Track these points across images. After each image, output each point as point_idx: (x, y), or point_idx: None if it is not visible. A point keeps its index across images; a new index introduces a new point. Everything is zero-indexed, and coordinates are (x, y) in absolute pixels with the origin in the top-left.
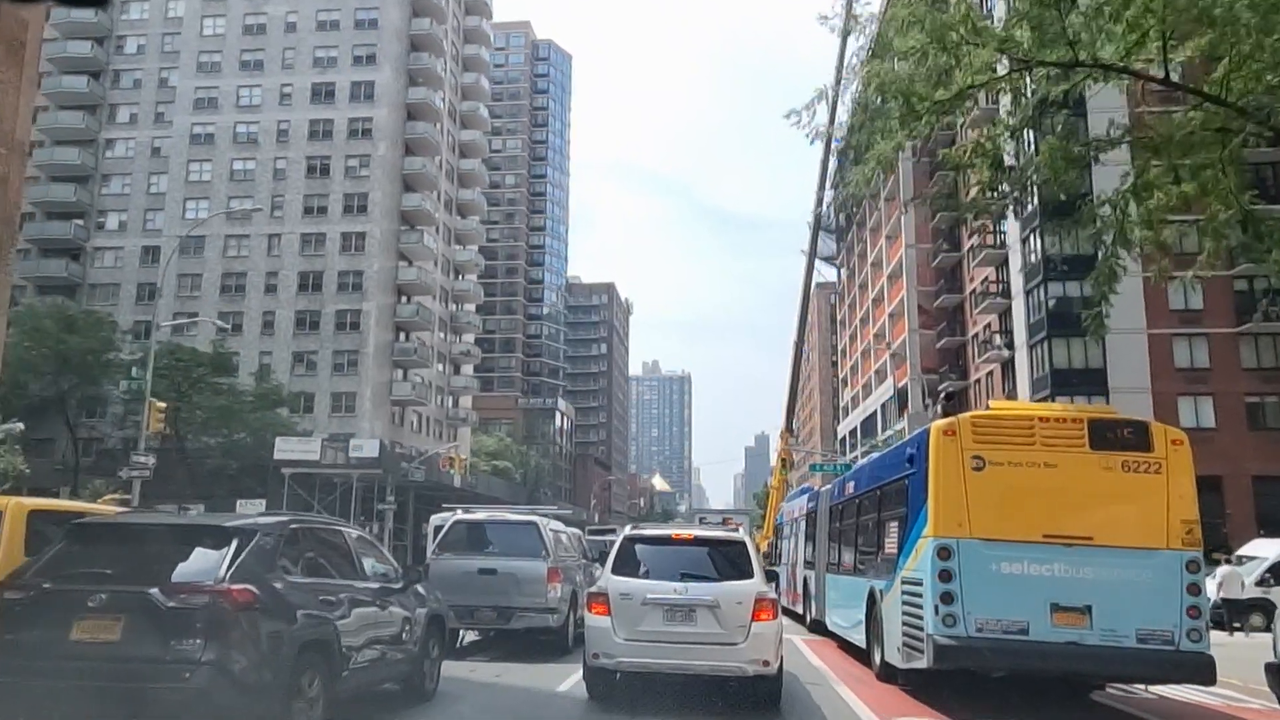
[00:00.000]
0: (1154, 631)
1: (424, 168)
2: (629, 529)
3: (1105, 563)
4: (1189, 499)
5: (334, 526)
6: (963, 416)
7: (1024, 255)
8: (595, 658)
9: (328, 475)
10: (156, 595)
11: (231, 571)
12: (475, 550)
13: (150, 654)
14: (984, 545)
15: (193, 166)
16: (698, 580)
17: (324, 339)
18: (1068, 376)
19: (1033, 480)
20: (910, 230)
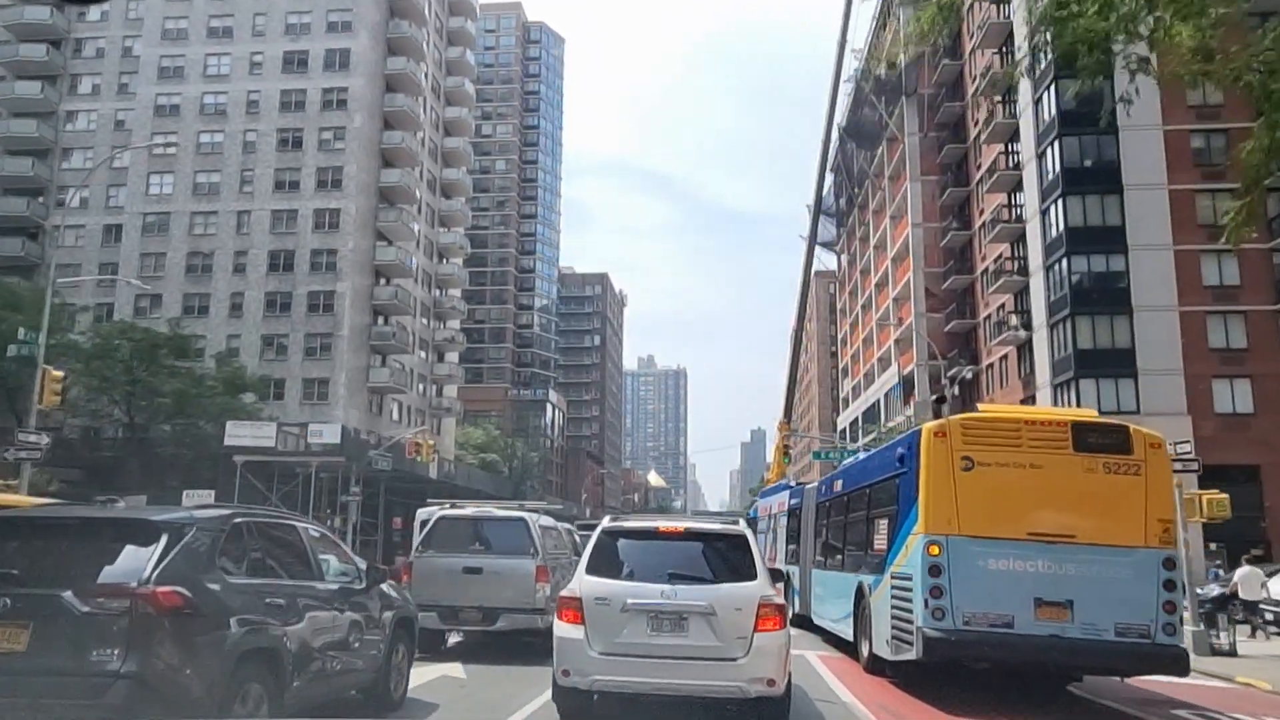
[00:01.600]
0: (1131, 625)
1: (403, 142)
2: (607, 520)
3: (1086, 560)
4: (1166, 499)
5: (287, 521)
6: (952, 419)
7: (1044, 227)
8: (565, 675)
9: (289, 464)
10: (70, 599)
11: (158, 571)
12: (461, 547)
13: (61, 665)
14: (972, 542)
15: (157, 139)
16: (689, 582)
17: (295, 322)
18: (1093, 358)
19: (1019, 480)
20: (917, 209)
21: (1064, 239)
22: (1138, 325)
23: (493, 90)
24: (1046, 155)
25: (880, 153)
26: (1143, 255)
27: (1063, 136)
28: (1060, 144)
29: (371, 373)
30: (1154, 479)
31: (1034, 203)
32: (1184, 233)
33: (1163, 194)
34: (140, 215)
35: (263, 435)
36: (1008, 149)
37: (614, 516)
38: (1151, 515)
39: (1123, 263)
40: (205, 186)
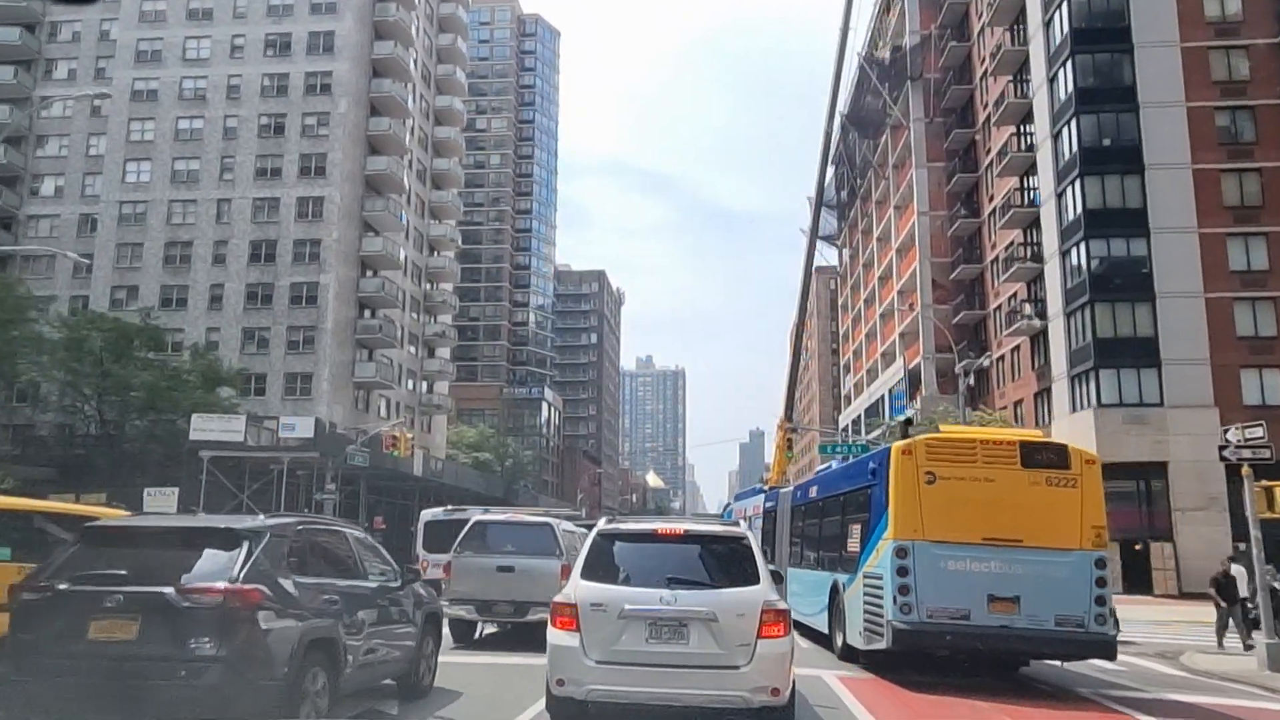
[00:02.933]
0: (1068, 617)
1: (391, 129)
2: (603, 522)
3: (1031, 561)
4: (1098, 508)
5: (336, 528)
6: (918, 439)
7: (1059, 211)
8: (560, 685)
9: (263, 460)
10: (172, 595)
11: (244, 572)
12: (494, 549)
13: (165, 652)
14: (934, 546)
15: (134, 126)
16: (690, 586)
17: (277, 314)
18: (1113, 347)
19: (974, 492)
20: (923, 196)
21: (1082, 222)
22: (1161, 312)
23: (487, 84)
24: (1063, 134)
25: (884, 141)
26: (1166, 238)
27: (1080, 114)
28: (1078, 122)
29: (357, 367)
30: (1088, 491)
31: (1049, 185)
32: (1209, 215)
33: (1186, 174)
34: (117, 204)
35: (231, 429)
36: (1020, 130)
37: (610, 518)
38: (1086, 522)
39: (1144, 246)
40: (184, 174)
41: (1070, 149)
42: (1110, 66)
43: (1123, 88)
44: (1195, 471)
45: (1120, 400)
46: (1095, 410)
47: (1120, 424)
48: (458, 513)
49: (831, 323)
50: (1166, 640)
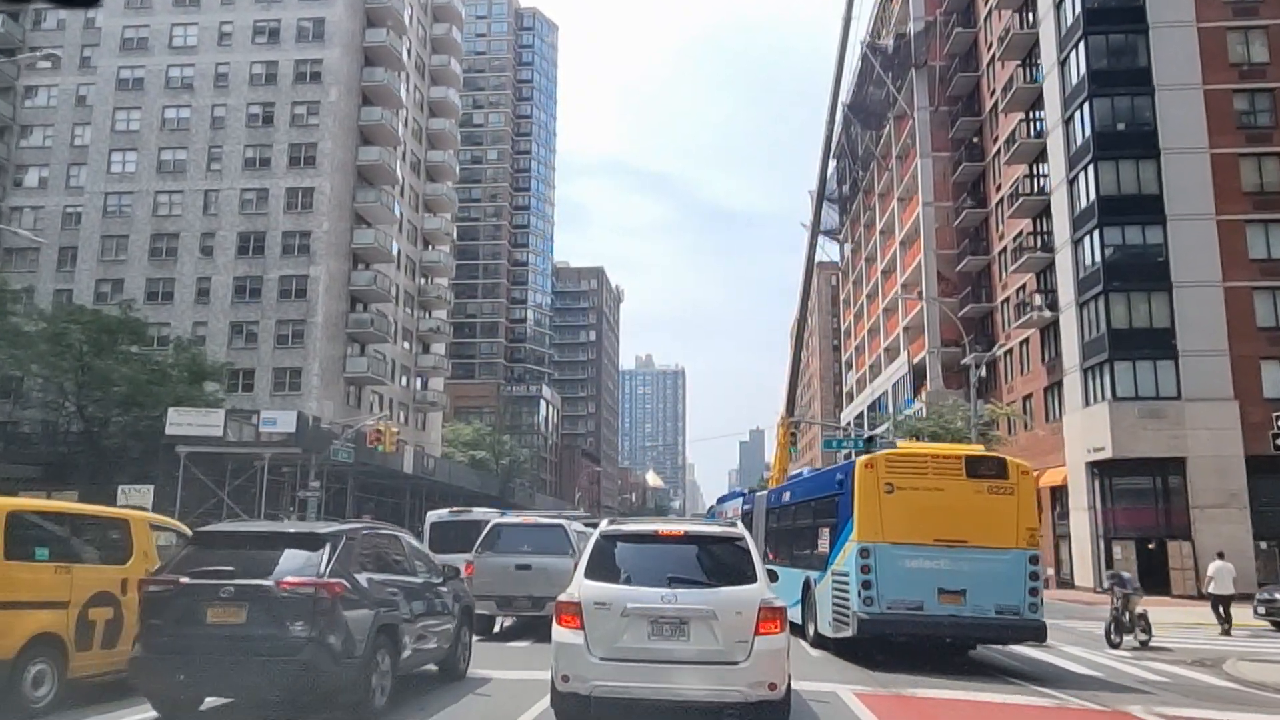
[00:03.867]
0: (1007, 606)
1: (383, 119)
2: (605, 523)
3: (975, 559)
4: (1031, 512)
5: (392, 533)
6: (878, 454)
7: (1071, 198)
8: (565, 680)
9: (245, 456)
10: (273, 587)
11: (328, 569)
12: (512, 549)
13: (269, 633)
14: (893, 547)
15: (120, 115)
16: (690, 585)
17: (266, 308)
18: (1129, 339)
19: (927, 500)
20: (928, 187)
21: (1096, 209)
22: (1178, 302)
23: (484, 78)
24: (1075, 119)
25: (887, 132)
26: (1182, 226)
27: (1094, 97)
28: (1091, 106)
29: (348, 362)
30: (1023, 498)
31: (1060, 172)
32: (1227, 201)
33: (1204, 158)
34: (101, 195)
35: (210, 424)
36: (1029, 116)
37: (612, 520)
38: (1021, 525)
39: (1160, 234)
40: (171, 165)
41: (1083, 134)
42: (1124, 48)
43: (1137, 70)
44: (1215, 467)
45: (1136, 393)
46: (1110, 404)
47: (1136, 418)
48: (463, 514)
49: (833, 319)
50: (1202, 645)
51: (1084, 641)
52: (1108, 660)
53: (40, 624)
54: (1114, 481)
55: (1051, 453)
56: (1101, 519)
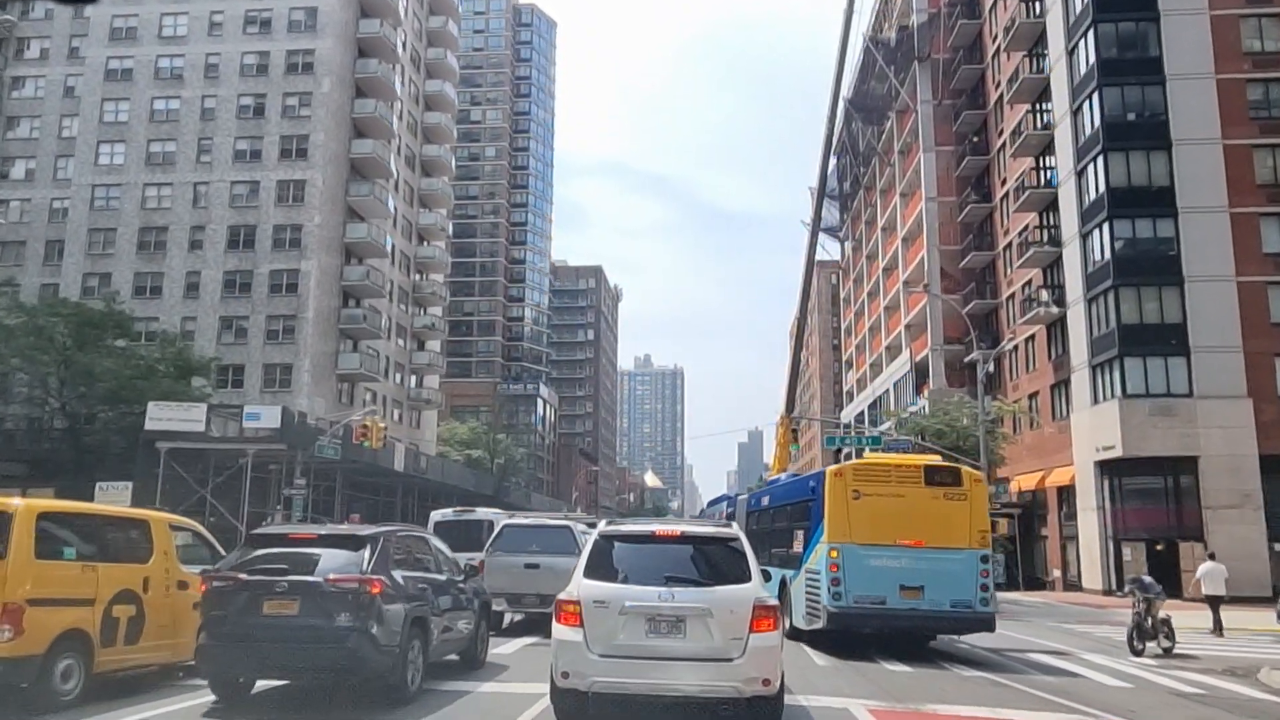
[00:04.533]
0: (960, 600)
1: (377, 111)
2: (604, 524)
3: (932, 558)
4: (983, 516)
5: (420, 535)
6: (846, 464)
7: (1080, 190)
8: (565, 677)
9: (229, 452)
10: (323, 583)
11: (370, 566)
12: (522, 549)
13: (319, 624)
14: (860, 548)
15: (108, 106)
16: (686, 584)
17: (256, 303)
18: (1139, 334)
19: (890, 506)
20: (931, 181)
21: (1105, 201)
22: (1190, 297)
23: (482, 75)
24: (1084, 110)
25: (889, 127)
26: (1194, 219)
27: (1104, 87)
28: (1101, 95)
29: (340, 358)
30: (975, 503)
31: (1068, 164)
32: (1241, 193)
33: (1216, 150)
34: (89, 187)
35: (191, 418)
36: (1036, 108)
37: (610, 520)
38: (974, 528)
39: (1172, 227)
40: (160, 156)
41: (1092, 125)
42: (1134, 36)
43: (1148, 59)
44: (1228, 466)
45: (1147, 390)
46: (1120, 401)
47: (1146, 415)
48: (466, 513)
49: (833, 318)
50: (1230, 653)
51: (1103, 648)
52: (1134, 670)
53: (68, 620)
54: (1123, 481)
55: (1058, 452)
56: (1110, 520)
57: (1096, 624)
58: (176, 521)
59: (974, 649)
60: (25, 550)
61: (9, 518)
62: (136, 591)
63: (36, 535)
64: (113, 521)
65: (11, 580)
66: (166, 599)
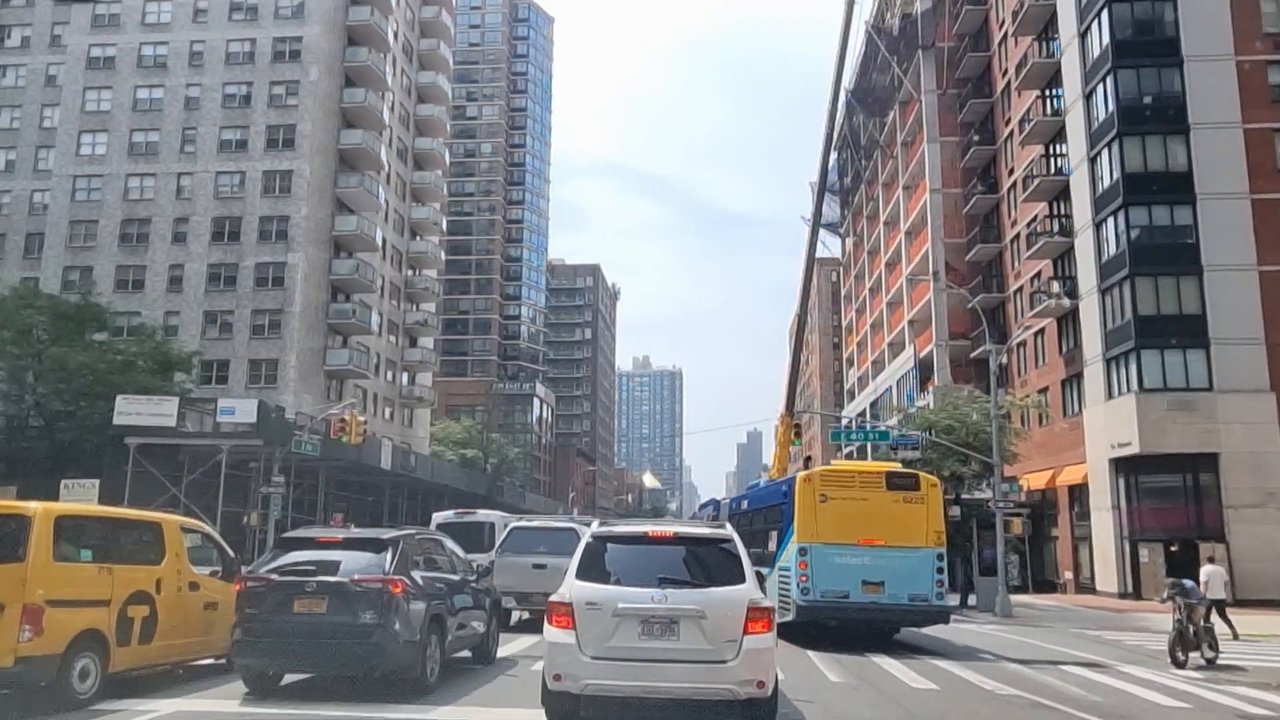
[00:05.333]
0: (918, 595)
1: (367, 101)
2: (596, 525)
3: (892, 556)
4: (939, 517)
5: (437, 537)
6: (814, 470)
7: (1093, 177)
8: (557, 680)
9: (205, 449)
10: (349, 583)
11: (392, 568)
12: (530, 550)
13: (344, 621)
14: (826, 547)
15: (90, 95)
16: (680, 586)
17: (242, 297)
18: (1157, 326)
19: (854, 508)
20: (935, 172)
21: (1120, 188)
22: (1209, 287)
23: (478, 71)
24: (1097, 94)
25: (892, 118)
26: (1213, 205)
27: (1118, 69)
28: (1115, 78)
29: (329, 354)
30: (931, 505)
31: (1081, 150)
32: (1261, 179)
33: (1236, 134)
34: (70, 178)
35: (162, 413)
36: (1046, 94)
37: (602, 521)
38: (930, 528)
39: (1190, 214)
40: (143, 147)
41: (1106, 109)
42: (1150, 17)
43: (1164, 40)
44: (1251, 463)
45: (1164, 384)
46: (1137, 395)
47: (1164, 410)
48: (468, 515)
49: (833, 316)
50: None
51: (1140, 658)
52: (1183, 685)
53: (85, 621)
54: (1140, 479)
55: (1069, 449)
56: (1126, 519)
57: (1121, 630)
58: (187, 524)
59: (1002, 660)
60: (44, 553)
61: (28, 521)
62: (150, 592)
63: (55, 538)
64: (126, 524)
65: (31, 582)
66: (178, 599)
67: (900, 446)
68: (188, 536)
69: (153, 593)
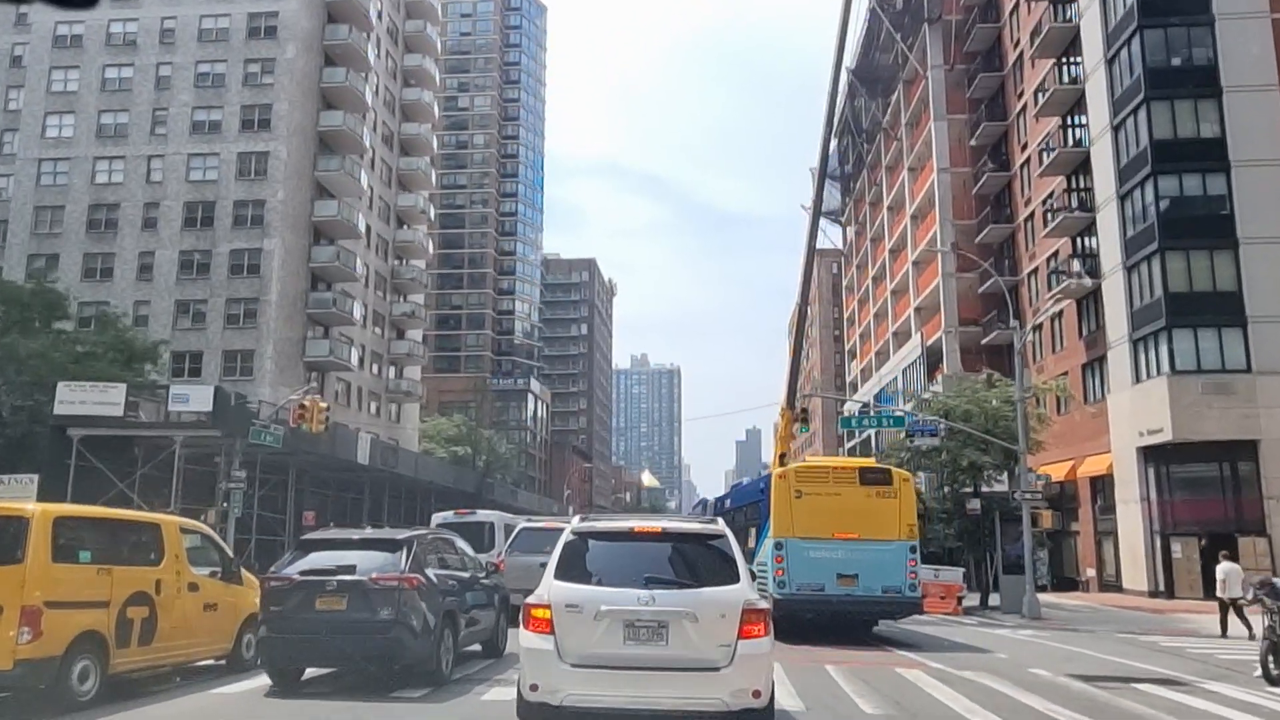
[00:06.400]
0: (891, 587)
1: (348, 81)
2: (577, 519)
3: (865, 549)
4: (911, 511)
5: (449, 537)
6: (789, 467)
7: (1117, 146)
8: (534, 690)
9: (154, 441)
10: (367, 581)
11: (407, 566)
12: (537, 549)
13: (363, 617)
14: (802, 541)
15: (56, 75)
16: (668, 586)
17: (215, 285)
18: (1189, 303)
19: (828, 503)
20: (943, 151)
21: (1149, 155)
22: (1245, 261)
23: (470, 61)
24: (1121, 57)
25: (895, 99)
26: (1249, 173)
27: (1144, 29)
28: (1141, 39)
29: (309, 345)
30: (904, 499)
31: (1103, 118)
32: None
33: (1272, 97)
34: (35, 162)
35: (108, 401)
36: (1063, 62)
37: (584, 515)
38: (902, 522)
39: (1224, 183)
40: (111, 128)
41: (1131, 72)
42: None
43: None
44: None
45: (1198, 366)
46: (1169, 378)
47: (1199, 394)
48: (468, 515)
49: (834, 309)
50: None
51: (1218, 672)
52: None
53: (85, 622)
54: (1171, 469)
55: (1090, 439)
56: (1156, 512)
57: (1170, 634)
58: (186, 524)
59: (1061, 677)
60: (42, 554)
61: (26, 523)
62: (149, 593)
63: (53, 539)
64: (126, 525)
65: (30, 583)
66: (178, 601)
67: (917, 434)
68: (187, 537)
69: (152, 594)
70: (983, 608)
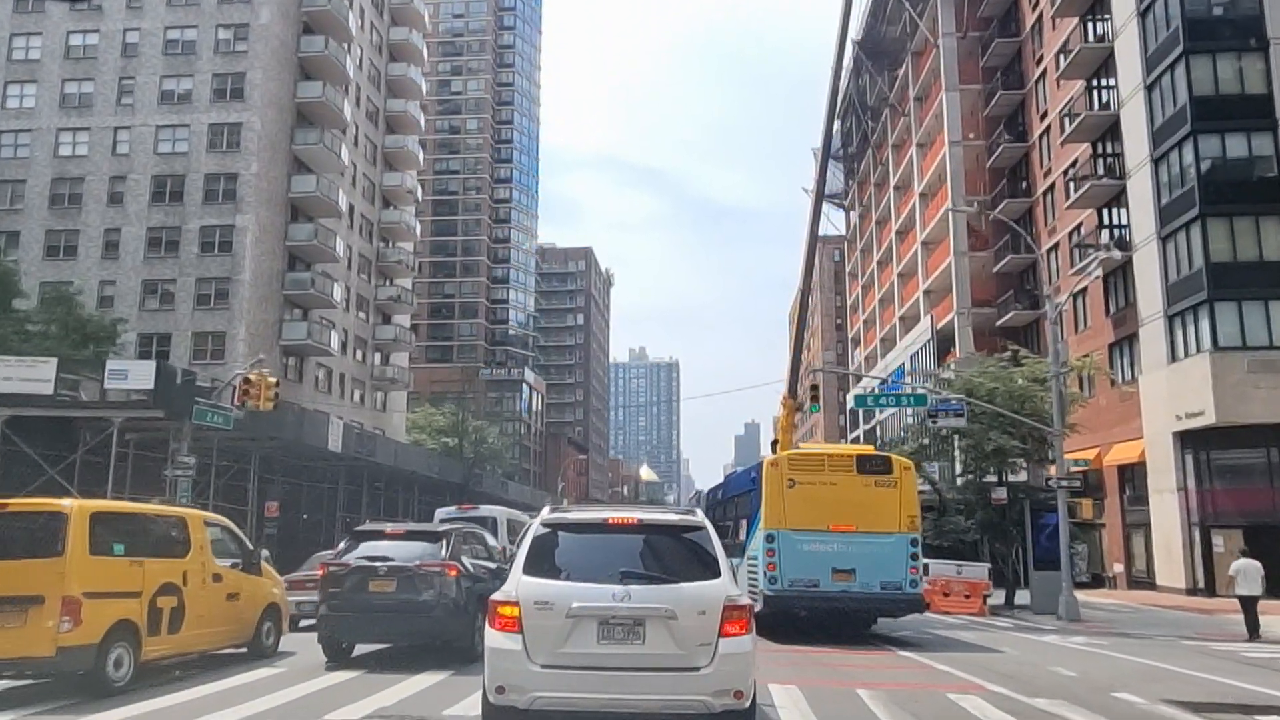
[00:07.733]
0: (890, 583)
1: (328, 50)
2: (546, 510)
3: (863, 543)
4: (912, 502)
5: (479, 532)
6: (782, 455)
7: (1150, 106)
8: (500, 693)
9: (91, 421)
10: (414, 567)
11: (447, 554)
12: None
13: (410, 599)
14: (795, 533)
15: (17, 42)
16: (645, 581)
17: (185, 264)
18: (1233, 274)
19: (823, 493)
20: (955, 123)
21: (1188, 114)
22: None
23: (463, 43)
24: (1155, 9)
25: (903, 72)
26: None
27: None
28: None
29: (285, 328)
30: (905, 489)
31: (1135, 77)
32: None
33: None
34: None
35: (36, 378)
36: (1089, 17)
37: (554, 506)
38: (903, 513)
39: (1270, 143)
40: (75, 98)
41: (1168, 25)
42: None
43: None
44: None
45: (1244, 342)
46: (1210, 355)
47: (1245, 373)
48: (471, 510)
49: (835, 297)
50: None
51: None
52: None
53: (119, 612)
54: (1212, 455)
55: (1119, 424)
56: (1195, 502)
57: (1235, 640)
58: (210, 518)
59: (1177, 713)
60: (80, 547)
61: (64, 518)
62: (177, 584)
63: (90, 533)
64: (155, 519)
65: (69, 575)
66: (203, 590)
67: (941, 413)
68: (210, 530)
69: (180, 584)
70: (1008, 607)
